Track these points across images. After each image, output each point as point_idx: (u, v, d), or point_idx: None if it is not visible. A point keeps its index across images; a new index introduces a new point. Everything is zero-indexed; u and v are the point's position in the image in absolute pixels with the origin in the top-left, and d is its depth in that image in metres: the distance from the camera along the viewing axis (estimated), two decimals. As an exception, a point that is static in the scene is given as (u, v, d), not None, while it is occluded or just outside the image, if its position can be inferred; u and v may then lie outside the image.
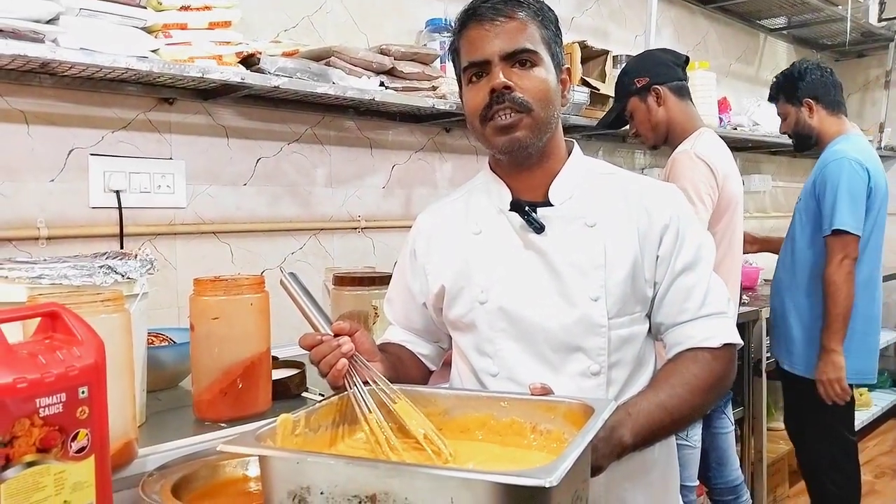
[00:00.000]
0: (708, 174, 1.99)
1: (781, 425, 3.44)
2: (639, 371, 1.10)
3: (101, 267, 1.23)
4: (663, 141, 2.16)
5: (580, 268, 1.05)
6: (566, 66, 1.14)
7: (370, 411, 0.93)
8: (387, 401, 0.94)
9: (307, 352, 0.99)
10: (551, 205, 1.10)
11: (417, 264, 1.20)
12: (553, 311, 1.06)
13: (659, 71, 2.13)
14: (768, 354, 2.98)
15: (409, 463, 0.68)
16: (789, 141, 3.67)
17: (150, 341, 1.59)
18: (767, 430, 2.90)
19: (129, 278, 1.27)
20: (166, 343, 1.61)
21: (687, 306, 1.08)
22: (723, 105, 3.31)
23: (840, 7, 3.81)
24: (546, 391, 0.93)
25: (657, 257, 1.07)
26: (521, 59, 1.05)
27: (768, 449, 2.91)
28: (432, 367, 1.27)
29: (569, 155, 1.14)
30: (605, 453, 0.87)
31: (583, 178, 1.12)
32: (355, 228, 2.32)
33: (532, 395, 0.93)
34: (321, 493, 0.71)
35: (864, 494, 3.16)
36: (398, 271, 1.26)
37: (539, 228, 1.07)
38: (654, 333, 1.13)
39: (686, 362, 1.06)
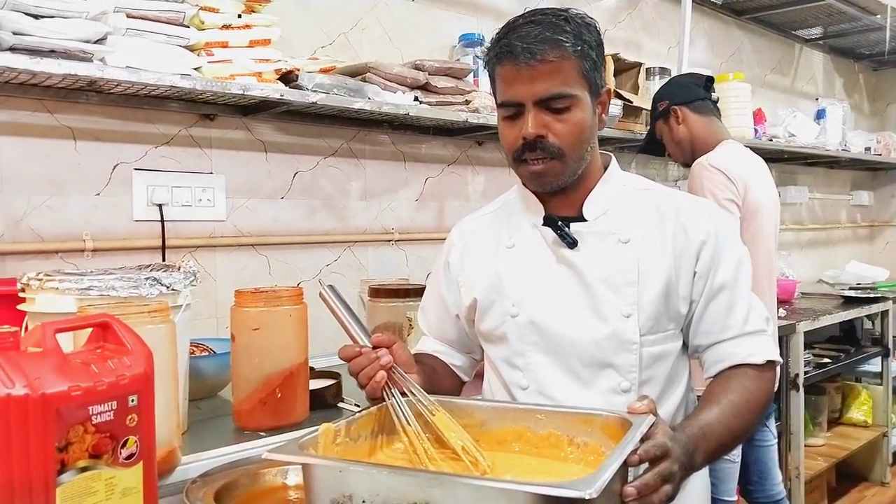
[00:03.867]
0: (725, 182, 2.04)
1: (819, 441, 3.39)
2: (671, 388, 1.10)
3: (147, 279, 1.27)
4: (690, 156, 2.19)
5: (612, 284, 1.06)
6: (606, 87, 1.11)
7: (408, 422, 0.94)
8: (425, 412, 0.95)
9: (345, 363, 1.01)
10: (585, 220, 1.10)
11: (451, 276, 1.22)
12: (584, 327, 1.07)
13: (677, 92, 2.25)
14: (807, 369, 2.94)
15: (450, 473, 0.70)
16: (826, 152, 3.65)
17: (192, 351, 1.63)
18: (805, 445, 2.84)
19: (173, 290, 1.31)
20: (207, 353, 1.65)
21: (730, 323, 1.07)
22: (758, 116, 3.28)
23: (878, 16, 3.75)
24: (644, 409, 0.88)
25: (694, 274, 1.07)
26: (555, 104, 1.03)
27: (806, 465, 2.85)
28: (465, 379, 1.28)
29: (605, 169, 1.14)
30: (682, 477, 0.85)
31: (618, 193, 1.13)
32: (389, 241, 2.35)
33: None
34: (363, 502, 0.73)
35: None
36: (432, 282, 1.28)
37: (572, 243, 1.08)
38: (691, 351, 1.12)
39: (733, 378, 1.05)
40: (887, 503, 3.24)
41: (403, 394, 0.98)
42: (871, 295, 3.48)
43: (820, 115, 3.62)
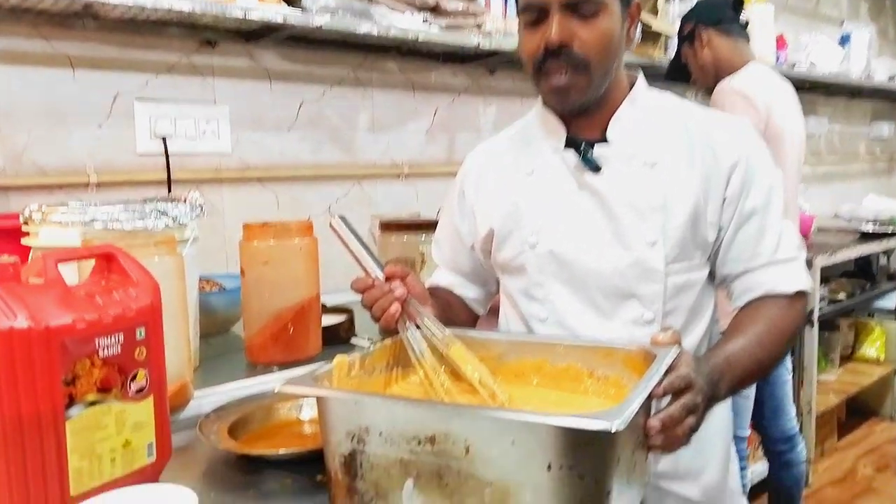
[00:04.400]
0: (745, 106, 1.96)
1: (831, 377, 3.39)
2: (694, 320, 1.07)
3: (152, 211, 1.23)
4: (713, 81, 2.10)
5: (637, 210, 1.01)
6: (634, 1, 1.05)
7: (424, 355, 0.92)
8: (440, 345, 0.92)
9: (358, 296, 0.98)
10: (609, 142, 1.05)
11: (466, 205, 1.17)
12: (606, 255, 1.02)
13: (703, 13, 2.15)
14: (821, 305, 2.91)
15: (469, 405, 0.67)
16: (849, 81, 3.51)
17: (201, 287, 1.61)
18: (817, 381, 2.84)
19: (180, 222, 1.27)
20: (217, 289, 1.63)
21: (760, 250, 1.03)
22: (780, 42, 3.15)
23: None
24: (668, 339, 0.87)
25: (724, 199, 1.02)
26: (582, 9, 0.96)
27: (817, 401, 2.85)
28: (480, 312, 1.25)
29: (630, 88, 1.08)
30: (705, 408, 0.83)
31: (645, 113, 1.06)
32: (398, 175, 2.30)
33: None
34: (380, 434, 0.71)
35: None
36: (446, 212, 1.23)
37: (595, 168, 1.03)
38: (718, 281, 1.08)
39: (763, 308, 1.02)
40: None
41: (418, 326, 0.95)
42: (889, 230, 3.41)
43: (844, 40, 3.47)
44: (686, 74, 2.25)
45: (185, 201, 1.34)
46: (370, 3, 1.88)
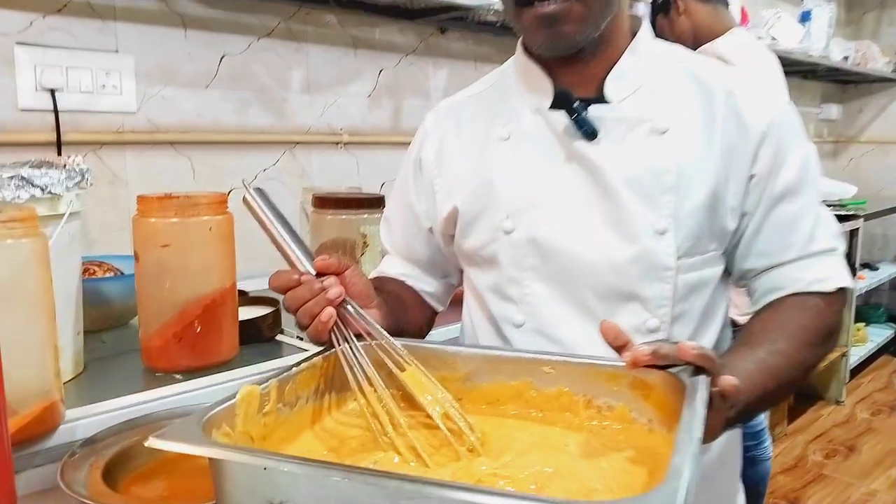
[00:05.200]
0: None
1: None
2: (705, 326, 0.86)
3: (11, 178, 0.95)
4: (693, 42, 1.91)
5: (643, 189, 0.79)
6: None
7: (366, 377, 0.68)
8: (389, 364, 0.69)
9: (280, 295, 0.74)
10: (607, 102, 0.83)
11: (424, 178, 0.94)
12: (602, 247, 0.81)
13: None
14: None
15: (445, 482, 0.44)
16: (810, 58, 3.41)
17: (91, 271, 1.33)
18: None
19: (50, 193, 0.99)
20: (111, 273, 1.35)
21: (792, 241, 0.82)
22: (742, 16, 3.00)
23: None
24: (647, 357, 0.63)
25: (750, 178, 0.81)
26: None
27: (768, 386, 2.77)
28: (438, 308, 1.03)
29: (633, 36, 0.86)
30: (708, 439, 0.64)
31: (652, 67, 0.85)
32: (337, 143, 2.03)
33: (612, 345, 0.65)
34: (302, 515, 0.47)
35: (862, 433, 3.09)
36: (399, 186, 0.99)
37: (590, 133, 0.80)
38: (737, 277, 0.88)
39: (790, 310, 0.81)
40: (842, 421, 3.22)
41: (359, 336, 0.72)
42: (841, 213, 3.35)
43: (805, 17, 3.36)
44: None
45: (63, 167, 1.06)
46: (304, -62, 1.60)
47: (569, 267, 0.81)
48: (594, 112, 0.81)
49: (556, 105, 0.83)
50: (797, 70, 3.78)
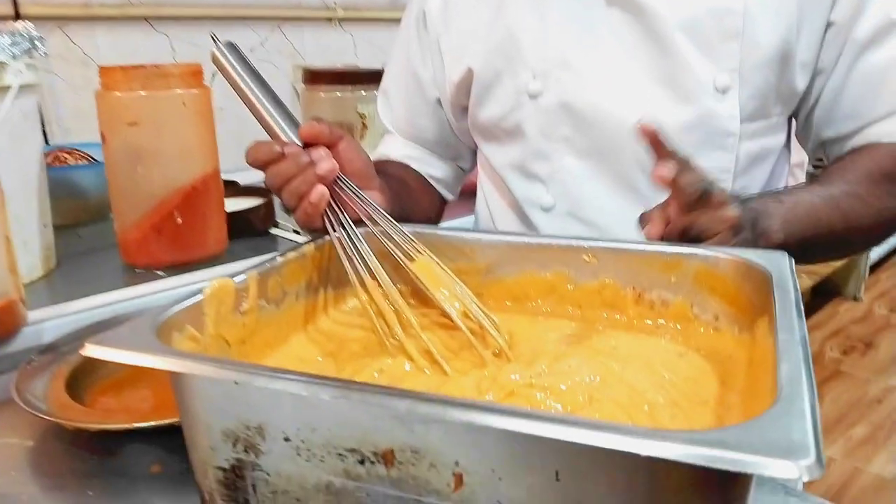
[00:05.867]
0: None
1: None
2: None
3: (-57, 43, 0.80)
4: None
5: (703, 35, 0.64)
6: None
7: (367, 268, 0.57)
8: (396, 253, 0.57)
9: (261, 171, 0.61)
10: None
11: (429, 36, 0.79)
12: (652, 109, 0.67)
13: None
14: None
15: (471, 402, 0.33)
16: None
17: (62, 159, 1.20)
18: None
19: (-7, 62, 0.85)
20: (84, 162, 1.21)
21: (882, 96, 0.68)
22: None
23: None
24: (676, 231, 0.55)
25: (827, 25, 0.66)
26: None
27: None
28: (448, 196, 0.90)
29: None
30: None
31: None
32: (330, 19, 1.84)
33: (649, 139, 0.53)
34: (286, 440, 0.37)
35: (880, 329, 3.03)
36: (399, 49, 0.84)
37: None
38: (813, 148, 0.74)
39: (875, 154, 0.68)
40: (860, 318, 3.16)
41: (359, 223, 0.60)
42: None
43: None
44: None
45: (8, 33, 0.90)
46: None
47: (609, 136, 0.68)
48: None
49: None
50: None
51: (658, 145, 0.53)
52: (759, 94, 0.66)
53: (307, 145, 0.59)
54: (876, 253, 3.51)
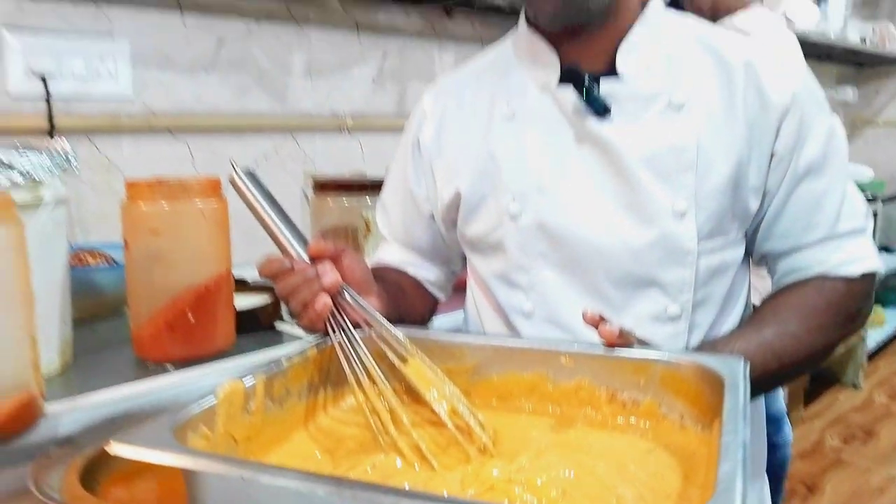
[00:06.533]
0: None
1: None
2: (727, 311, 0.80)
3: (-11, 161, 0.89)
4: (710, 15, 1.83)
5: (662, 168, 0.73)
6: None
7: (364, 370, 0.62)
8: (390, 355, 0.63)
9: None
10: (619, 77, 0.76)
11: (423, 160, 0.88)
12: (618, 231, 0.75)
13: None
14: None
15: (451, 499, 0.38)
16: (829, 40, 3.31)
17: (84, 260, 1.27)
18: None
19: (33, 178, 0.94)
20: (104, 262, 1.29)
21: (817, 221, 0.76)
22: (757, -5, 2.91)
23: None
24: (615, 336, 0.62)
25: (772, 155, 0.75)
26: None
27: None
28: (440, 297, 0.97)
29: (643, 6, 0.79)
30: None
31: (665, 38, 0.78)
32: (340, 128, 1.97)
33: (604, 340, 0.62)
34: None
35: (880, 417, 3.01)
36: (396, 168, 0.93)
37: (602, 110, 0.74)
38: (757, 258, 0.82)
39: (807, 292, 0.76)
40: (859, 406, 3.15)
41: (358, 326, 0.66)
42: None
43: (821, -2, 3.26)
44: (679, 5, 1.99)
45: (47, 151, 1.00)
46: (303, -87, 1.53)
47: (581, 253, 0.75)
48: (606, 88, 0.74)
49: (564, 81, 0.76)
50: (813, 52, 3.68)
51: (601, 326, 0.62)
52: (715, 216, 0.74)
53: (313, 259, 0.66)
54: (874, 340, 3.53)
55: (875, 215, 3.29)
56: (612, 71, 0.76)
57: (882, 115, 4.54)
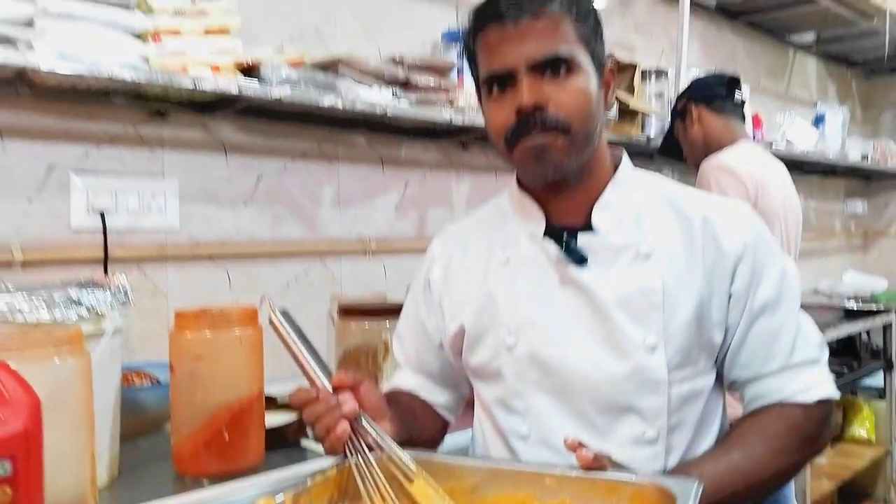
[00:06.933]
0: (736, 183, 1.88)
1: (823, 460, 3.22)
2: (702, 433, 0.91)
3: (64, 299, 1.05)
4: (702, 158, 2.02)
5: (633, 309, 0.86)
6: (610, 65, 0.94)
7: (377, 488, 0.73)
8: (400, 476, 0.74)
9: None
10: (595, 230, 0.90)
11: (433, 298, 1.01)
12: (598, 363, 0.87)
13: (696, 91, 2.13)
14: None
15: None
16: (827, 159, 3.50)
17: (130, 380, 1.41)
18: (810, 465, 2.67)
19: (96, 312, 1.09)
20: (148, 382, 1.43)
21: (774, 353, 0.88)
22: (755, 121, 3.12)
23: (875, 21, 3.60)
24: (590, 461, 0.73)
25: (730, 296, 0.88)
26: (553, 66, 0.85)
27: (812, 487, 2.68)
28: (450, 419, 1.08)
29: (616, 169, 0.95)
30: None
31: (633, 196, 0.93)
32: (365, 252, 2.14)
33: (580, 464, 0.73)
34: None
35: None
36: (410, 304, 1.07)
37: (580, 259, 0.88)
38: (727, 385, 0.93)
39: (769, 417, 0.87)
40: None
41: (371, 448, 0.77)
42: (874, 308, 3.32)
43: (819, 120, 3.47)
44: (679, 150, 2.18)
45: (108, 286, 1.16)
46: (335, 75, 1.76)
47: (569, 381, 0.87)
48: (583, 241, 0.89)
49: (548, 234, 0.91)
50: (816, 169, 3.86)
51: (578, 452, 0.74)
52: (683, 349, 0.86)
53: (336, 389, 0.79)
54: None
55: (889, 327, 3.34)
56: (589, 224, 0.91)
57: (894, 226, 4.65)
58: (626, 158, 0.96)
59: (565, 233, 0.88)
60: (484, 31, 0.88)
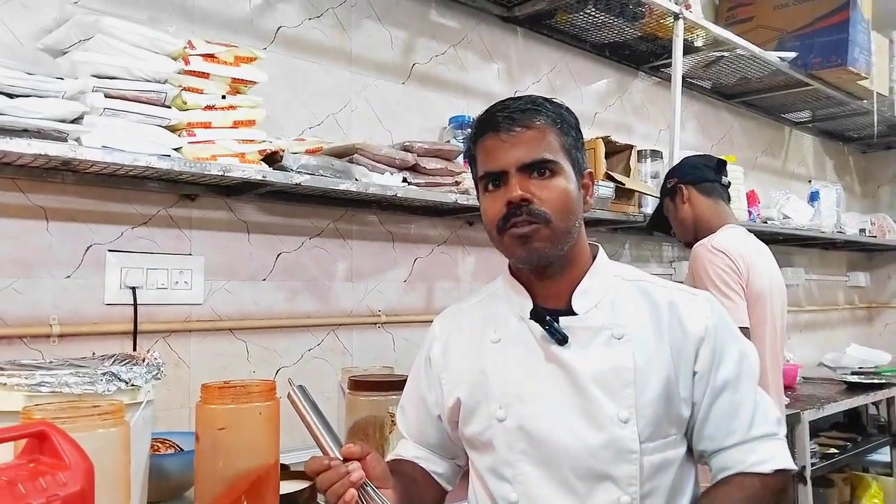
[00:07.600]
0: (728, 264, 1.99)
1: (830, 539, 3.20)
2: (675, 500, 1.00)
3: (104, 374, 1.17)
4: (692, 237, 2.15)
5: (607, 385, 0.97)
6: (588, 169, 1.10)
7: (380, 549, 0.83)
8: (399, 537, 0.84)
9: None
10: (575, 313, 1.03)
11: (433, 373, 1.13)
12: (578, 433, 0.97)
13: (686, 172, 2.25)
14: (813, 461, 2.80)
15: None
16: (822, 234, 3.61)
17: (155, 448, 1.51)
18: (816, 545, 2.68)
19: (133, 385, 1.21)
20: (172, 450, 1.53)
21: (734, 427, 0.99)
22: (751, 198, 3.26)
23: (865, 101, 3.78)
24: None
25: (694, 374, 0.99)
26: (539, 168, 1.01)
27: (819, 566, 2.67)
28: (448, 488, 1.17)
29: (593, 260, 1.08)
30: None
31: (608, 285, 1.06)
32: (375, 323, 2.26)
33: None
34: None
35: None
36: (413, 379, 1.18)
37: (561, 339, 1.00)
38: (696, 457, 1.03)
39: (730, 488, 0.97)
40: None
41: (375, 513, 0.88)
42: (877, 381, 3.37)
43: (813, 197, 3.60)
44: (667, 226, 2.31)
45: (143, 361, 1.28)
46: (350, 162, 1.92)
47: (552, 451, 0.97)
48: (564, 322, 1.01)
49: (533, 317, 1.03)
50: (814, 244, 3.96)
51: None
52: (654, 422, 0.96)
53: (345, 459, 0.90)
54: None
55: (892, 400, 3.37)
56: (570, 308, 1.03)
57: (897, 298, 4.72)
58: (602, 252, 1.10)
59: (548, 315, 1.01)
60: (483, 139, 1.05)
